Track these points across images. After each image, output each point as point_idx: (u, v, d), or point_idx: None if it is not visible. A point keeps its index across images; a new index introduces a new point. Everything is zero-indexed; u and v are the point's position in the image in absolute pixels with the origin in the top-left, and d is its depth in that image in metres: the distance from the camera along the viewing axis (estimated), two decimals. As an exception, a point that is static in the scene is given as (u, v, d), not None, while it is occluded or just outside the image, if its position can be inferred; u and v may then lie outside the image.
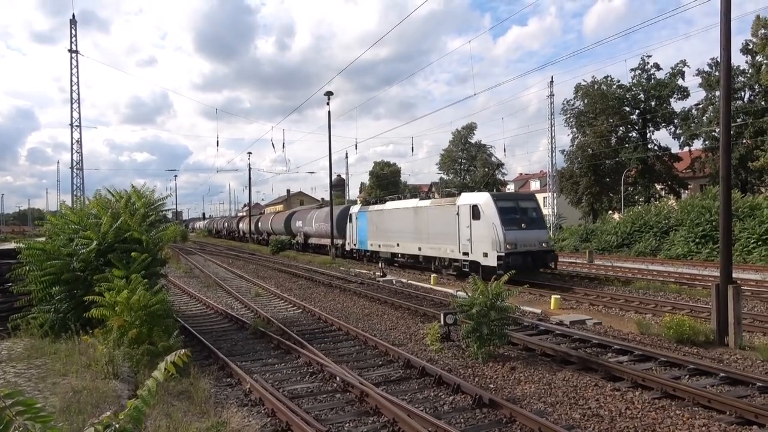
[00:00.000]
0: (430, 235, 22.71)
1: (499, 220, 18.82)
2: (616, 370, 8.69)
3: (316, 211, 39.78)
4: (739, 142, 38.78)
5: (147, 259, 10.61)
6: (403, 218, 25.06)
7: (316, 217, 38.78)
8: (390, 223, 26.49)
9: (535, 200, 21.78)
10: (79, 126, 36.74)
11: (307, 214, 40.66)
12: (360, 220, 29.97)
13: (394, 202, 27.57)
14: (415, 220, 23.99)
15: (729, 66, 11.51)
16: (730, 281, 10.85)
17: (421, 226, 23.44)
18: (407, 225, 24.58)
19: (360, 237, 29.98)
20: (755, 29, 37.17)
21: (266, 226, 52.78)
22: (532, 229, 19.46)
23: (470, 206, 20.01)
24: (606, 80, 47.86)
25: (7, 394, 1.78)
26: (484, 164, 67.08)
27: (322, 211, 38.26)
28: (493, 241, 18.65)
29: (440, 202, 22.59)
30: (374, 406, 7.32)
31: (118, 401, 6.41)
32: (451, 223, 21.00)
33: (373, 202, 31.58)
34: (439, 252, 22.14)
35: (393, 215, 26.35)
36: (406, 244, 25.01)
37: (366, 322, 13.87)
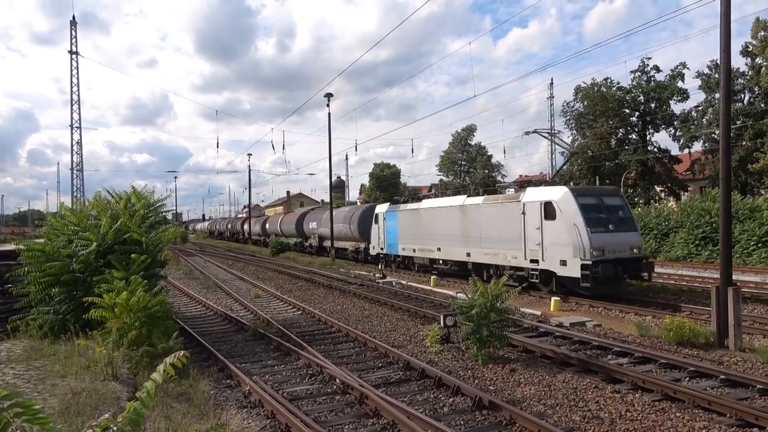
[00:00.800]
0: (483, 239, 19.32)
1: (582, 219, 15.48)
2: (616, 372, 8.67)
3: (335, 212, 36.08)
4: (738, 144, 38.81)
5: (146, 261, 10.60)
6: (447, 218, 21.60)
7: (335, 218, 35.14)
8: (428, 224, 23.06)
9: (620, 195, 18.29)
10: (79, 127, 36.83)
11: (323, 215, 37.46)
12: (389, 221, 26.50)
13: (433, 200, 24.22)
14: (462, 221, 20.56)
15: (729, 68, 11.51)
16: (729, 283, 10.84)
17: (470, 228, 20.06)
18: (452, 226, 21.16)
19: (389, 240, 26.54)
20: (755, 31, 37.20)
21: (274, 228, 49.26)
22: (621, 230, 16.08)
23: (541, 203, 16.68)
24: (606, 82, 47.91)
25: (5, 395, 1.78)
26: (483, 166, 67.11)
27: (342, 211, 35.77)
28: (575, 246, 15.36)
29: (497, 199, 19.14)
30: (374, 408, 7.31)
31: (118, 403, 6.40)
32: (513, 224, 17.70)
33: (404, 200, 27.99)
34: (496, 259, 18.73)
35: (432, 215, 22.87)
36: (449, 248, 21.52)
37: (366, 323, 13.86)
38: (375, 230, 28.25)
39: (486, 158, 67.71)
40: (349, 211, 34.08)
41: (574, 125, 49.19)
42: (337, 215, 34.61)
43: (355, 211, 33.06)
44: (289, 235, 44.74)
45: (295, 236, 42.74)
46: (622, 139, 48.36)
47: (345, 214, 33.75)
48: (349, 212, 33.80)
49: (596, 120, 46.56)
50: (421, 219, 23.73)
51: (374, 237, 28.38)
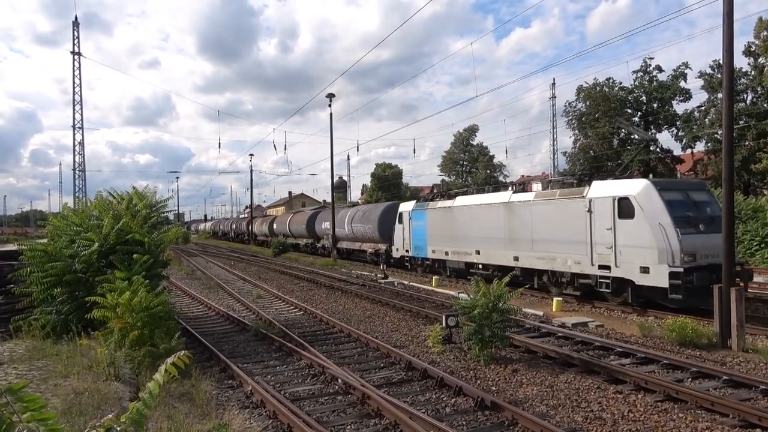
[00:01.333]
0: (535, 241, 16.89)
1: (669, 218, 13.13)
2: (619, 373, 8.66)
3: (351, 211, 33.96)
4: (741, 144, 38.71)
5: (149, 261, 10.62)
6: (488, 217, 19.15)
7: (352, 218, 32.46)
8: (464, 223, 20.51)
9: (707, 189, 15.78)
10: (81, 128, 36.87)
11: (338, 214, 35.04)
12: (416, 221, 24.07)
13: (469, 197, 21.57)
14: (507, 220, 18.12)
15: (732, 68, 11.48)
16: (732, 283, 10.81)
17: (518, 228, 17.62)
18: (494, 226, 18.75)
19: (416, 241, 24.15)
20: (758, 31, 37.11)
21: (283, 228, 46.61)
22: (713, 231, 13.34)
23: (614, 199, 14.24)
24: (608, 82, 47.85)
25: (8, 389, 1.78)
26: (485, 166, 67.08)
27: (359, 210, 32.97)
28: (661, 249, 13.00)
29: (554, 195, 16.60)
30: (376, 408, 7.31)
31: (120, 403, 6.41)
32: (575, 224, 15.27)
33: (432, 197, 25.47)
34: (553, 264, 16.29)
35: (469, 214, 20.31)
36: (491, 251, 19.02)
37: (368, 324, 13.86)
38: (399, 230, 25.79)
39: (488, 158, 67.67)
40: (368, 210, 31.44)
41: (576, 125, 49.13)
42: (354, 214, 32.20)
43: (374, 210, 30.35)
44: (298, 235, 42.40)
45: (305, 237, 40.36)
46: (625, 139, 48.30)
47: (363, 213, 31.13)
48: (367, 211, 31.14)
49: (598, 120, 46.51)
50: (456, 218, 21.14)
51: (398, 238, 25.96)
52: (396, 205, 28.05)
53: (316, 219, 39.06)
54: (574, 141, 49.88)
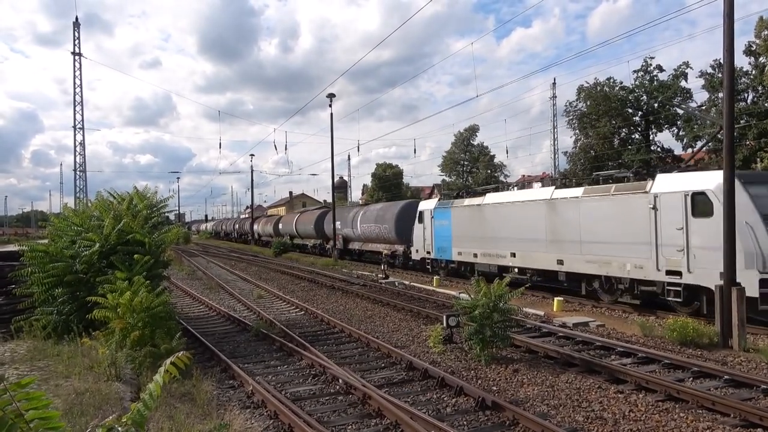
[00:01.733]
0: (584, 243, 15.13)
1: (757, 216, 11.66)
2: (620, 373, 8.66)
3: (363, 210, 32.06)
4: (742, 143, 38.69)
5: (149, 261, 10.63)
6: (526, 216, 17.51)
7: (364, 217, 30.64)
8: (497, 223, 18.83)
9: None
10: (82, 128, 36.91)
11: (348, 214, 33.63)
12: (439, 220, 22.41)
13: (503, 194, 19.95)
14: (550, 219, 16.45)
15: (732, 68, 11.47)
16: (733, 283, 10.81)
17: (563, 228, 15.93)
18: (533, 226, 17.09)
19: (439, 243, 22.47)
20: (758, 30, 37.08)
21: (289, 229, 45.00)
22: None
23: (686, 195, 12.64)
24: (609, 82, 47.83)
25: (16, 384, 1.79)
26: (486, 166, 67.06)
27: (373, 209, 31.04)
28: (748, 252, 11.51)
29: (608, 190, 14.82)
30: (377, 408, 7.31)
31: (121, 403, 6.42)
32: (637, 222, 13.51)
33: (456, 194, 23.36)
34: (608, 268, 14.50)
35: (503, 212, 18.64)
36: (530, 253, 17.34)
37: (368, 324, 13.86)
38: (419, 231, 24.10)
39: (488, 158, 67.66)
40: (383, 209, 29.50)
41: (576, 125, 49.12)
42: (367, 214, 30.57)
43: (391, 209, 28.40)
44: (306, 236, 40.74)
45: (313, 237, 38.73)
46: (625, 139, 48.27)
47: (378, 212, 29.32)
48: (382, 210, 29.26)
49: (599, 120, 46.50)
50: (486, 217, 19.44)
51: (417, 239, 24.27)
52: (414, 204, 26.71)
53: (325, 219, 37.19)
54: (574, 141, 49.86)
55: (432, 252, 23.07)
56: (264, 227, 54.70)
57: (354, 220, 31.75)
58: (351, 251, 33.51)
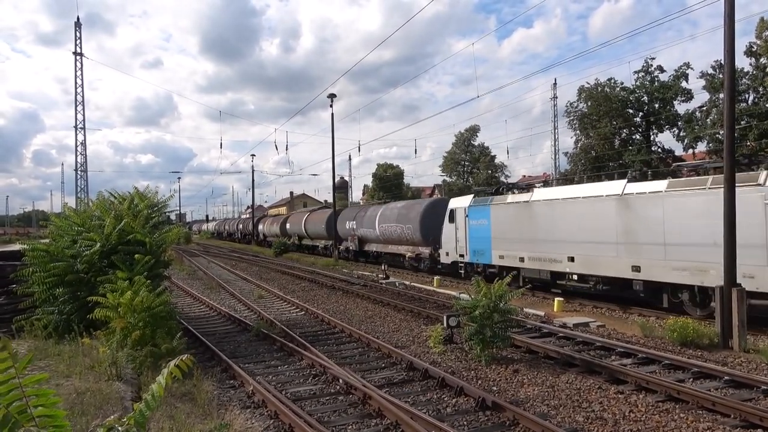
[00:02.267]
0: (670, 245, 12.95)
1: None
2: (620, 373, 8.66)
3: (382, 208, 29.43)
4: (743, 144, 38.66)
5: (150, 261, 10.64)
6: (589, 214, 15.23)
7: (384, 216, 28.09)
8: (550, 222, 16.57)
9: None
10: (83, 128, 36.91)
11: (365, 213, 31.26)
12: (474, 219, 20.05)
13: (557, 189, 17.66)
14: (622, 218, 14.21)
15: (733, 68, 11.47)
16: (734, 284, 10.81)
17: (640, 228, 13.65)
18: (599, 226, 14.83)
19: (474, 245, 20.04)
20: (759, 31, 37.08)
21: (297, 229, 42.71)
22: None
23: None
24: (609, 82, 47.83)
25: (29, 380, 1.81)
26: (487, 166, 67.06)
27: (393, 207, 28.38)
28: None
29: (702, 183, 12.67)
30: (377, 408, 7.31)
31: (121, 403, 6.43)
32: (747, 222, 11.37)
33: (496, 190, 20.62)
34: (704, 277, 12.32)
35: (559, 210, 16.32)
36: (595, 258, 15.03)
37: (369, 324, 13.86)
38: (449, 231, 21.67)
39: (489, 158, 67.66)
40: (407, 207, 27.02)
41: (577, 126, 49.12)
42: (387, 213, 28.16)
43: (415, 207, 26.10)
44: (316, 236, 38.53)
45: (324, 238, 36.49)
46: (626, 140, 48.26)
47: (400, 210, 26.97)
48: (405, 208, 26.88)
49: (600, 120, 46.49)
50: (536, 216, 17.20)
51: (448, 240, 21.83)
52: (442, 202, 24.76)
53: (338, 218, 34.96)
54: (575, 141, 49.86)
55: (466, 255, 20.57)
56: (270, 227, 52.45)
57: (372, 220, 29.21)
58: (368, 253, 31.14)
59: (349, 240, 33.27)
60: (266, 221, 55.85)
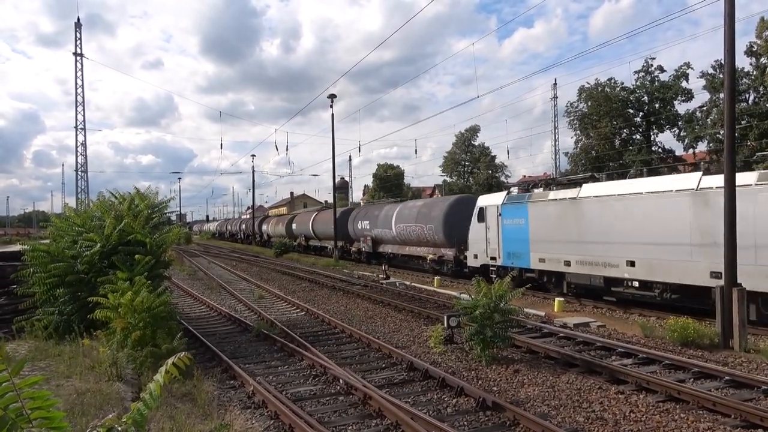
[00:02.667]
0: (762, 248, 11.54)
1: None
2: (620, 373, 8.65)
3: (399, 207, 27.60)
4: (743, 144, 38.65)
5: (150, 262, 10.64)
6: (655, 212, 13.49)
7: (401, 215, 26.29)
8: (603, 221, 14.81)
9: None
10: (83, 129, 36.94)
11: (380, 211, 29.19)
12: (509, 218, 18.22)
13: (610, 184, 15.72)
14: (698, 216, 12.63)
15: (733, 68, 11.46)
16: (734, 284, 10.80)
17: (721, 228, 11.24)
18: (669, 226, 13.10)
19: (509, 246, 18.15)
20: (760, 31, 37.06)
21: (304, 229, 40.64)
22: None
23: None
24: (609, 82, 47.83)
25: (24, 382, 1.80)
26: (487, 167, 67.05)
27: (413, 205, 26.67)
28: None
29: None
30: (377, 408, 7.31)
31: (122, 403, 6.43)
32: None
33: (532, 185, 19.07)
34: None
35: (617, 207, 14.53)
36: (661, 262, 13.27)
37: (369, 324, 13.86)
38: (478, 232, 19.78)
39: (489, 159, 67.66)
40: (428, 206, 25.11)
41: (578, 126, 49.13)
42: (405, 212, 26.27)
43: (437, 205, 24.19)
44: (325, 237, 36.53)
45: (334, 239, 34.41)
46: (626, 140, 48.25)
47: (420, 209, 25.12)
48: (427, 207, 25.03)
49: (600, 120, 46.49)
50: (585, 214, 15.40)
51: (476, 242, 19.93)
52: (468, 199, 22.86)
53: (349, 218, 33.11)
54: (575, 141, 49.87)
55: (499, 258, 18.69)
56: (275, 227, 50.08)
57: (388, 220, 27.13)
58: (382, 255, 29.15)
59: (362, 241, 31.15)
60: (270, 221, 53.89)
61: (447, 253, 22.84)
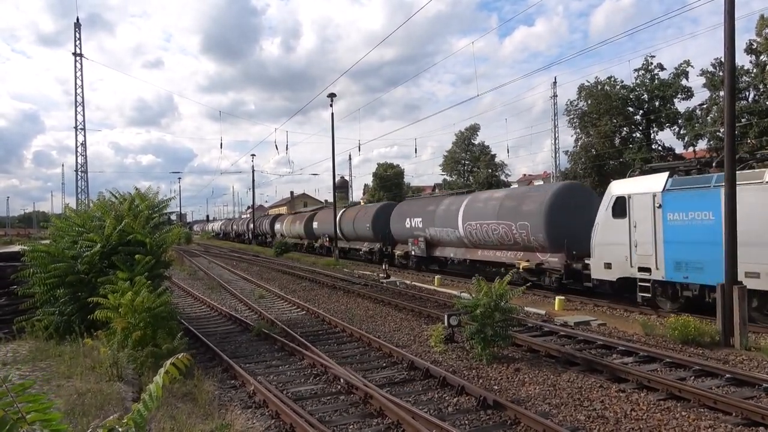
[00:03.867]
0: None
1: None
2: (621, 372, 8.65)
3: (467, 199, 21.53)
4: (743, 142, 38.62)
5: (151, 262, 10.63)
6: None
7: (471, 210, 20.59)
8: None
9: None
10: (83, 129, 36.92)
11: (436, 206, 23.47)
12: (677, 211, 13.12)
13: None
14: None
15: (733, 66, 11.45)
16: (735, 282, 10.79)
17: None
18: None
19: (675, 253, 13.14)
20: (760, 29, 37.04)
21: (328, 228, 35.73)
22: None
23: None
24: (609, 81, 47.80)
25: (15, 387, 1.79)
26: (487, 165, 67.02)
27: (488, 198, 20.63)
28: None
29: None
30: (378, 407, 7.31)
31: (123, 403, 6.42)
32: None
33: (714, 163, 14.09)
34: None
35: None
36: None
37: (370, 323, 13.86)
38: (613, 230, 14.65)
39: (489, 157, 67.61)
40: (515, 198, 19.37)
41: (577, 124, 49.10)
42: (476, 206, 20.63)
43: (532, 197, 18.40)
44: (357, 238, 31.77)
45: (370, 240, 29.61)
46: (626, 138, 48.23)
47: (500, 202, 19.36)
48: (513, 199, 19.27)
49: (600, 119, 46.46)
50: None
51: (610, 245, 14.72)
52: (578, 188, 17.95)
53: (392, 215, 27.12)
54: (575, 140, 49.84)
55: (657, 269, 13.59)
56: (290, 227, 44.45)
57: (451, 216, 21.71)
58: (438, 260, 24.15)
59: (411, 243, 24.96)
60: (285, 220, 47.89)
61: (550, 259, 17.30)
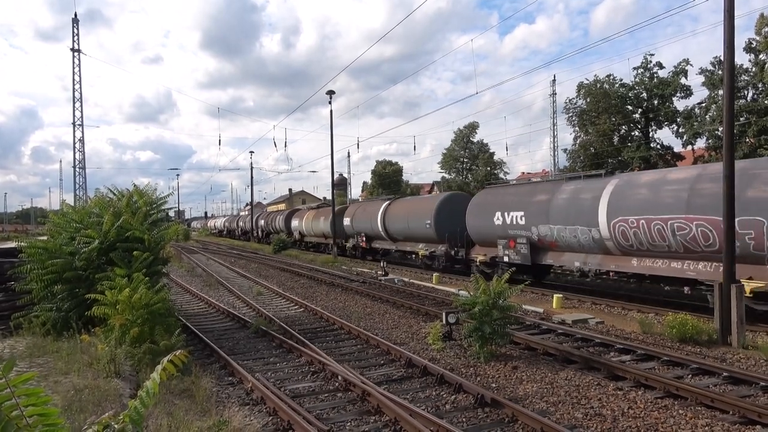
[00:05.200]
0: None
1: None
2: (619, 370, 8.67)
3: (616, 184, 14.89)
4: (742, 140, 38.65)
5: (149, 258, 10.62)
6: None
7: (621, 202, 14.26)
8: None
9: None
10: (81, 125, 36.80)
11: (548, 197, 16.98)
12: None
13: None
14: None
15: (732, 64, 11.45)
16: (733, 280, 10.81)
17: None
18: None
19: None
20: (759, 27, 37.03)
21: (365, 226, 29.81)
22: None
23: None
24: (608, 79, 47.79)
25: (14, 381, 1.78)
26: (485, 163, 67.01)
27: (659, 181, 13.91)
28: None
29: None
30: (376, 405, 7.31)
31: (120, 400, 6.41)
32: None
33: None
34: None
35: None
36: None
37: (368, 321, 13.86)
38: None
39: (488, 155, 67.61)
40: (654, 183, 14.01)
41: (576, 122, 49.10)
42: (628, 193, 14.39)
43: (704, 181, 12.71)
44: (406, 238, 26.42)
45: (430, 240, 24.05)
46: (625, 136, 48.24)
47: (690, 183, 12.94)
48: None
49: (599, 117, 46.46)
50: None
51: None
52: None
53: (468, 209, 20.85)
54: (574, 138, 49.84)
55: None
56: (312, 224, 38.29)
57: (578, 208, 15.62)
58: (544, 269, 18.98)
59: (504, 246, 18.44)
60: (305, 215, 40.89)
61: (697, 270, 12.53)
